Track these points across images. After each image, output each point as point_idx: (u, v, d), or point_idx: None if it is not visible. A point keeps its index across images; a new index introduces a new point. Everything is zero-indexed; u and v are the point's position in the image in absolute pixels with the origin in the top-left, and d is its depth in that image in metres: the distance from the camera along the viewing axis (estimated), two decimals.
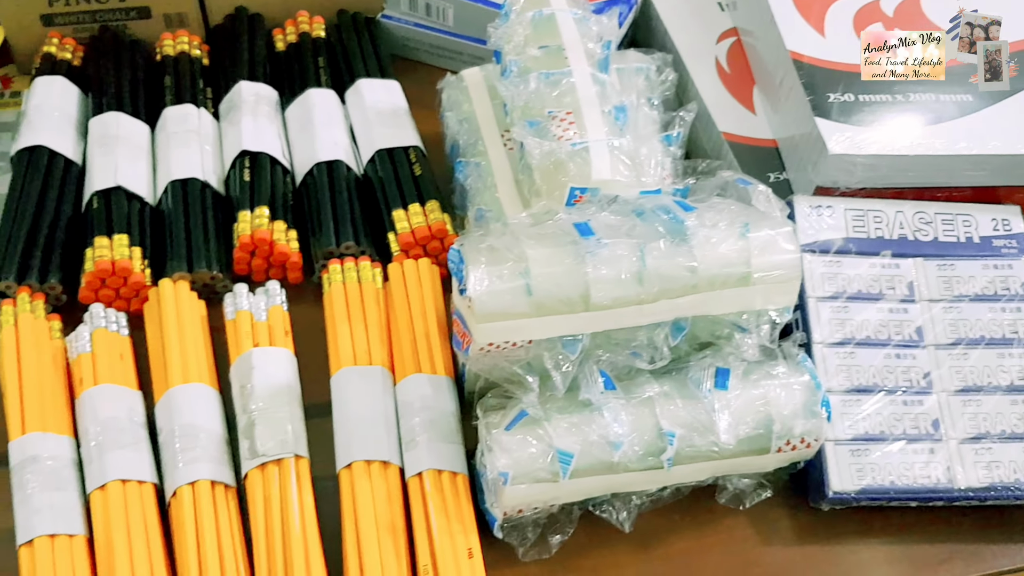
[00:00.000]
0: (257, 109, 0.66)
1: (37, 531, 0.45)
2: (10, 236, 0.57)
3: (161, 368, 0.53)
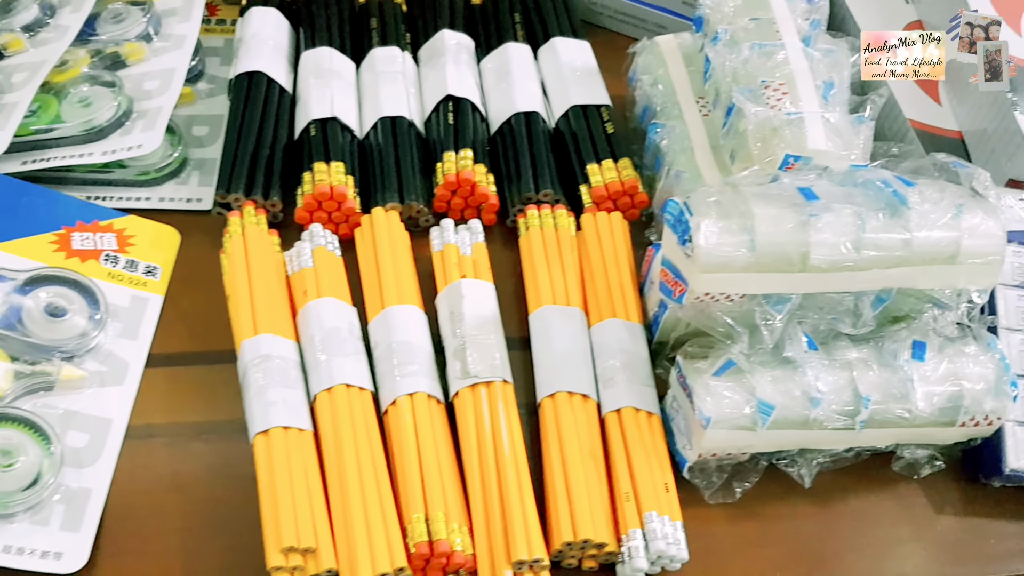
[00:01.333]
0: (459, 57, 0.69)
1: (272, 422, 0.49)
2: (236, 154, 0.61)
3: (372, 289, 0.57)
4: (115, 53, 0.66)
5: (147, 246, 0.59)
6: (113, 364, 0.54)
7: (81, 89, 0.63)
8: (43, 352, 0.51)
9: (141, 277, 0.58)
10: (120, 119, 0.62)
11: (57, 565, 0.46)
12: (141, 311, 0.56)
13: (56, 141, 0.61)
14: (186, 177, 0.64)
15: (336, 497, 0.47)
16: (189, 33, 0.68)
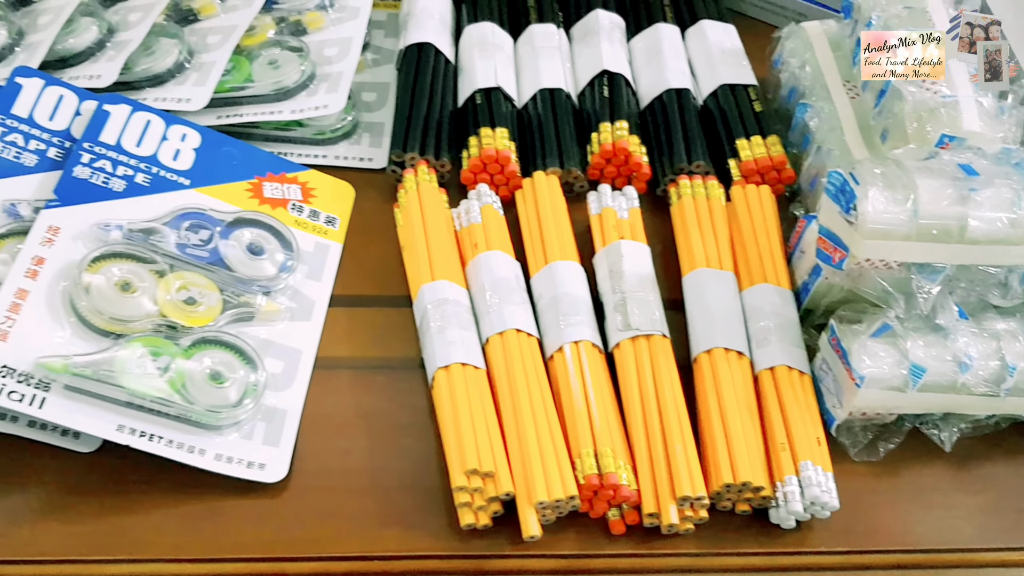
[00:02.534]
0: (612, 35, 0.72)
1: (453, 359, 0.54)
2: (410, 117, 0.66)
3: (534, 246, 0.61)
4: (297, 21, 0.71)
5: (327, 198, 0.64)
6: (301, 301, 0.58)
7: (271, 52, 0.68)
8: (244, 286, 0.56)
9: (323, 226, 0.63)
10: (306, 82, 0.67)
11: (261, 475, 0.51)
12: (323, 256, 0.61)
13: (248, 99, 0.66)
14: (358, 138, 0.69)
15: (511, 429, 0.52)
16: (363, 5, 0.73)
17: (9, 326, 0.49)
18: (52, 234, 0.54)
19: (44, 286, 0.52)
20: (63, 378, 0.49)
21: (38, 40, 0.66)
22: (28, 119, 0.59)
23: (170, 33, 0.68)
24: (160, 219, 0.57)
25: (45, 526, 0.49)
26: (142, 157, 0.59)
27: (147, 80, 0.66)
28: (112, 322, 0.51)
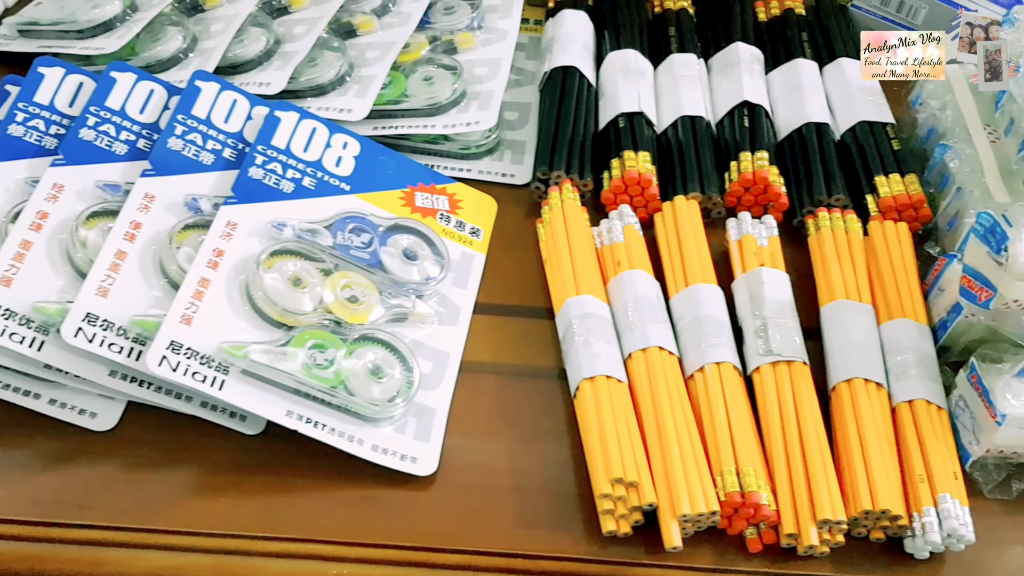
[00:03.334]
0: (752, 68, 0.74)
1: (598, 371, 0.56)
2: (556, 136, 0.69)
3: (674, 267, 0.63)
4: (449, 40, 0.74)
5: (472, 210, 0.67)
6: (448, 307, 0.61)
7: (427, 69, 0.71)
8: (399, 289, 0.59)
9: (468, 236, 0.65)
10: (457, 98, 0.70)
11: (414, 467, 0.53)
12: (469, 265, 0.64)
13: (403, 112, 0.70)
14: (500, 155, 0.72)
15: (654, 443, 0.53)
16: (510, 28, 0.76)
17: (192, 312, 0.53)
18: (231, 229, 0.57)
19: (224, 277, 0.55)
20: (241, 363, 0.52)
21: (212, 46, 0.70)
22: (206, 120, 0.63)
23: (333, 47, 0.71)
24: (326, 221, 0.60)
25: (214, 501, 0.52)
26: (308, 162, 0.63)
27: (311, 90, 0.69)
28: (284, 314, 0.55)
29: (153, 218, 0.57)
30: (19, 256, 0.53)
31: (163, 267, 0.55)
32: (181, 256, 0.55)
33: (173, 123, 0.61)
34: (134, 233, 0.56)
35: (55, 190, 0.57)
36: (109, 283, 0.53)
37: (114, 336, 0.52)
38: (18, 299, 0.52)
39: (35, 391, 0.54)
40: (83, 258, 0.54)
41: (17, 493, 0.52)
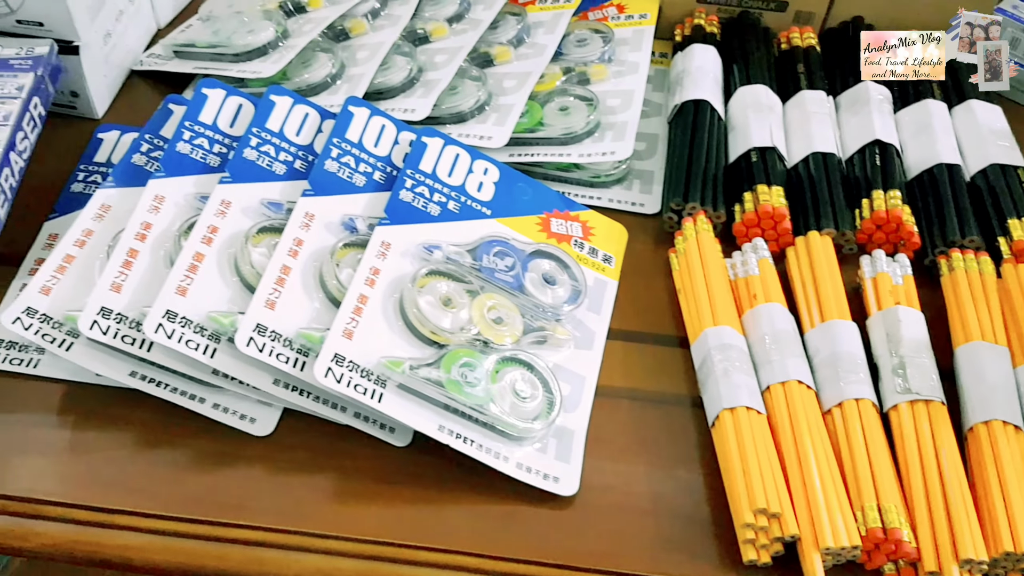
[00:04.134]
0: (882, 107, 0.75)
1: (739, 402, 0.57)
2: (689, 168, 0.70)
3: (809, 302, 0.63)
4: (583, 72, 0.76)
5: (603, 237, 0.69)
6: (584, 331, 0.63)
7: (563, 99, 0.73)
8: (540, 312, 0.61)
9: (600, 263, 0.67)
10: (592, 129, 0.72)
11: (556, 487, 0.55)
12: (602, 291, 0.66)
13: (538, 140, 0.72)
14: (629, 184, 0.74)
15: (795, 475, 0.54)
16: (641, 61, 0.78)
17: (353, 326, 0.55)
18: (384, 249, 0.60)
19: (380, 294, 0.58)
20: (399, 377, 0.54)
21: (359, 73, 0.73)
22: (358, 144, 0.65)
23: (473, 76, 0.74)
24: (471, 244, 0.62)
25: (365, 508, 0.54)
26: (453, 186, 0.65)
27: (451, 117, 0.72)
28: (435, 332, 0.57)
29: (313, 236, 0.60)
30: (193, 268, 0.57)
31: (323, 282, 0.58)
32: (340, 273, 0.58)
33: (329, 146, 0.64)
34: (296, 250, 0.58)
35: (223, 206, 0.60)
36: (276, 296, 0.56)
37: (281, 347, 0.54)
38: (193, 308, 0.55)
39: (200, 395, 0.57)
40: (250, 271, 0.57)
41: (181, 491, 0.54)
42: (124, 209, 0.61)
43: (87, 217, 0.61)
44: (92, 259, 0.59)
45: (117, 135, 0.72)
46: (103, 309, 0.55)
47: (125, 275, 0.57)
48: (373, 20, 0.78)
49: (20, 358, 0.59)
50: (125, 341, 0.55)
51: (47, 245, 0.65)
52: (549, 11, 0.80)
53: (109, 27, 0.73)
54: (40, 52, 0.66)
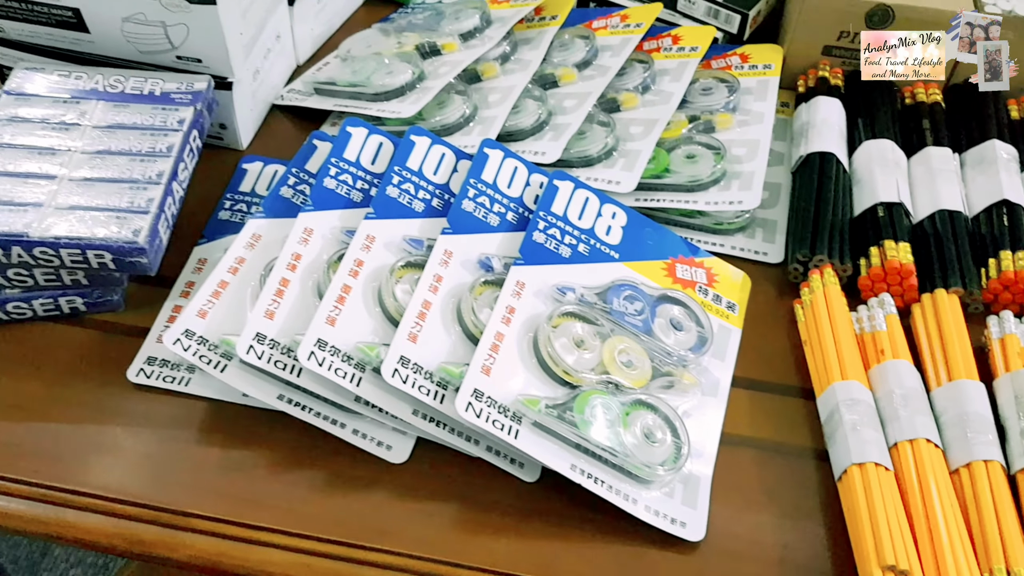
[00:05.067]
0: (1009, 166, 0.75)
1: (868, 457, 0.57)
2: (817, 220, 0.71)
3: (934, 360, 0.64)
4: (709, 120, 0.78)
5: (727, 285, 0.70)
6: (708, 378, 0.64)
7: (690, 147, 0.75)
8: (667, 357, 0.63)
9: (724, 310, 0.68)
10: (718, 177, 0.73)
11: (683, 532, 0.56)
12: (726, 338, 0.67)
13: (665, 186, 0.73)
14: (752, 232, 0.75)
15: (922, 532, 0.54)
16: (767, 111, 0.79)
17: (491, 363, 0.58)
18: (519, 288, 0.62)
19: (515, 332, 0.60)
20: (534, 415, 0.56)
21: (492, 115, 0.76)
22: (492, 184, 0.68)
23: (601, 121, 0.76)
24: (602, 287, 0.64)
25: (496, 539, 0.56)
26: (583, 229, 0.67)
27: (580, 160, 0.74)
28: (568, 372, 0.59)
29: (452, 272, 0.62)
30: (340, 299, 0.59)
31: (461, 318, 0.60)
32: (478, 310, 0.60)
33: (466, 186, 0.67)
34: (436, 286, 0.61)
35: (368, 241, 0.63)
36: (417, 330, 0.58)
37: (422, 379, 0.57)
38: (341, 337, 0.58)
39: (341, 420, 0.59)
40: (393, 304, 0.60)
41: (322, 512, 0.57)
42: (273, 238, 0.65)
43: (239, 245, 0.64)
44: (244, 285, 0.62)
45: (260, 166, 0.76)
46: (258, 335, 0.58)
47: (277, 303, 0.60)
48: (503, 64, 0.81)
49: (173, 376, 0.62)
50: (277, 366, 0.57)
51: (197, 268, 0.69)
52: (675, 59, 0.82)
53: (258, 64, 0.77)
54: (199, 87, 0.70)
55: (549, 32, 0.82)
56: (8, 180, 0.62)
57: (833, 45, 0.83)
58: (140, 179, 0.63)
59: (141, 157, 0.64)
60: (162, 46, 0.71)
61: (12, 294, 0.63)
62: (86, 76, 0.70)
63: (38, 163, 0.63)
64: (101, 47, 0.72)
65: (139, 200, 0.61)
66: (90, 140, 0.65)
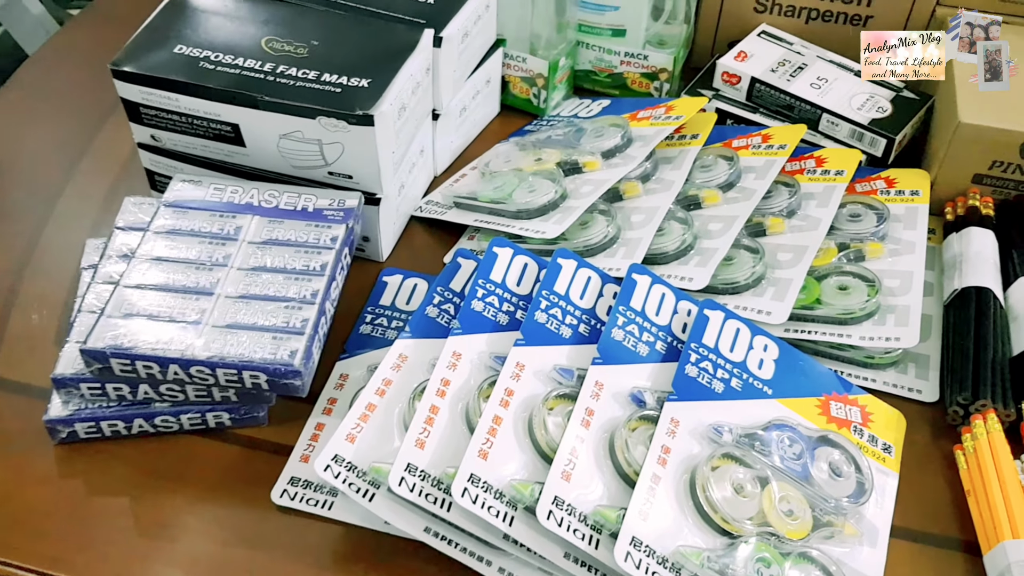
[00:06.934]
0: None
1: None
2: (977, 361, 0.68)
3: None
4: (859, 249, 0.76)
5: (882, 425, 0.67)
6: (866, 526, 0.61)
7: (841, 278, 0.73)
8: (827, 505, 0.59)
9: (880, 452, 0.65)
10: (872, 311, 0.71)
11: None
12: (883, 484, 0.63)
13: (816, 318, 0.71)
14: (904, 367, 0.72)
15: None
16: (917, 240, 0.77)
17: (648, 508, 0.56)
18: (674, 426, 0.60)
19: (671, 474, 0.58)
20: (695, 568, 0.53)
21: (636, 237, 0.75)
22: (641, 312, 0.66)
23: (748, 247, 0.75)
24: (758, 427, 0.62)
25: None
26: (735, 362, 0.65)
27: (726, 287, 0.72)
28: (728, 521, 0.56)
29: (603, 406, 0.61)
30: (492, 431, 0.58)
31: (614, 457, 0.58)
32: (632, 447, 0.58)
33: (616, 314, 0.65)
34: (589, 420, 0.59)
35: (518, 369, 0.62)
36: (570, 467, 0.57)
37: (576, 521, 0.55)
38: (492, 472, 0.56)
39: (487, 557, 0.57)
40: (544, 437, 0.58)
41: None
42: (420, 360, 0.64)
43: (387, 367, 0.63)
44: (391, 408, 0.62)
45: (400, 278, 0.76)
46: (409, 466, 0.57)
47: (427, 431, 0.59)
48: (645, 183, 0.80)
49: (316, 499, 0.61)
50: (428, 499, 0.56)
51: (339, 384, 0.69)
52: (820, 183, 0.81)
53: (404, 179, 0.78)
54: (350, 204, 0.71)
55: (691, 152, 0.82)
56: (167, 295, 0.63)
57: (984, 174, 0.80)
58: (295, 298, 0.63)
59: (296, 275, 0.65)
60: (316, 162, 0.72)
61: (162, 407, 0.63)
62: (242, 190, 0.71)
63: (196, 278, 0.64)
64: (255, 160, 0.74)
65: (294, 320, 0.62)
66: (246, 256, 0.66)
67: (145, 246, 0.66)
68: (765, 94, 0.88)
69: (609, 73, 0.95)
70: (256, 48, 0.73)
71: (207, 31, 0.74)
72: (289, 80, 0.70)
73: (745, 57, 0.90)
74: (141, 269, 0.65)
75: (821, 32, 0.94)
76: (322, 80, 0.70)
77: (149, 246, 0.66)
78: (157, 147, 0.76)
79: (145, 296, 0.63)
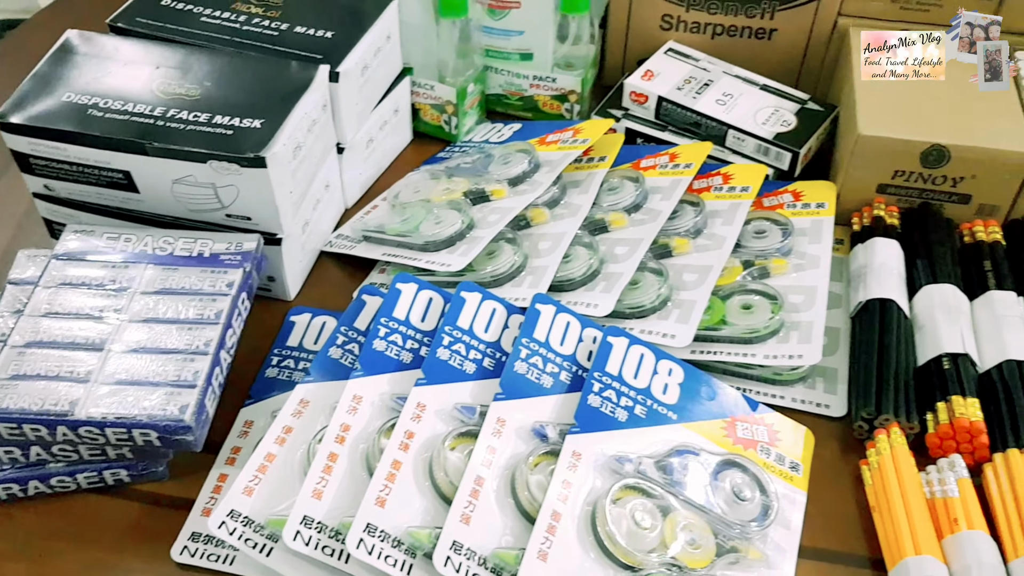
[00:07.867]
0: None
1: None
2: (880, 374, 0.68)
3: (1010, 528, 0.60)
4: (763, 266, 0.76)
5: (789, 443, 0.67)
6: (773, 548, 0.61)
7: (745, 297, 0.73)
8: (730, 530, 0.60)
9: (788, 471, 0.65)
10: (776, 328, 0.71)
11: None
12: (791, 504, 0.64)
13: (721, 338, 0.71)
14: (812, 383, 0.72)
15: None
16: (822, 255, 0.77)
17: (547, 548, 0.55)
18: (576, 459, 0.60)
19: (573, 512, 0.57)
20: None
21: (543, 265, 0.75)
22: (545, 343, 0.66)
23: (653, 269, 0.75)
24: (661, 455, 0.62)
25: None
26: (639, 389, 0.65)
27: (633, 312, 0.72)
28: (629, 555, 0.56)
29: (505, 443, 0.60)
30: (391, 476, 0.58)
31: (515, 495, 0.58)
32: (533, 484, 0.58)
33: (519, 347, 0.65)
34: (490, 459, 0.59)
35: (418, 410, 0.61)
36: (470, 510, 0.56)
37: (476, 566, 0.54)
38: (390, 520, 0.56)
39: None
40: (444, 480, 0.58)
41: None
42: (321, 404, 0.63)
43: (287, 414, 0.63)
44: (291, 456, 0.61)
45: (308, 317, 0.75)
46: (305, 518, 0.56)
47: (325, 480, 0.58)
48: (552, 209, 0.80)
49: (217, 554, 0.60)
50: (325, 552, 0.55)
51: (243, 432, 0.67)
52: (726, 200, 0.81)
53: (308, 216, 0.77)
54: (248, 247, 0.70)
55: (598, 175, 0.82)
56: (55, 351, 0.61)
57: (888, 183, 0.81)
58: (187, 349, 0.62)
59: (189, 324, 0.64)
60: (212, 205, 0.71)
61: (56, 468, 0.62)
62: (135, 238, 0.70)
63: (86, 332, 0.63)
64: (151, 206, 0.73)
65: (186, 373, 0.61)
66: (139, 307, 0.65)
67: (34, 301, 0.65)
68: (672, 112, 0.89)
69: (520, 96, 0.95)
70: (147, 92, 0.72)
71: (97, 77, 0.73)
72: (180, 124, 0.69)
73: (652, 76, 0.90)
74: (29, 325, 0.63)
75: (727, 47, 0.94)
76: (213, 123, 0.69)
77: (38, 301, 0.65)
78: (52, 196, 0.75)
79: (33, 355, 0.61)
